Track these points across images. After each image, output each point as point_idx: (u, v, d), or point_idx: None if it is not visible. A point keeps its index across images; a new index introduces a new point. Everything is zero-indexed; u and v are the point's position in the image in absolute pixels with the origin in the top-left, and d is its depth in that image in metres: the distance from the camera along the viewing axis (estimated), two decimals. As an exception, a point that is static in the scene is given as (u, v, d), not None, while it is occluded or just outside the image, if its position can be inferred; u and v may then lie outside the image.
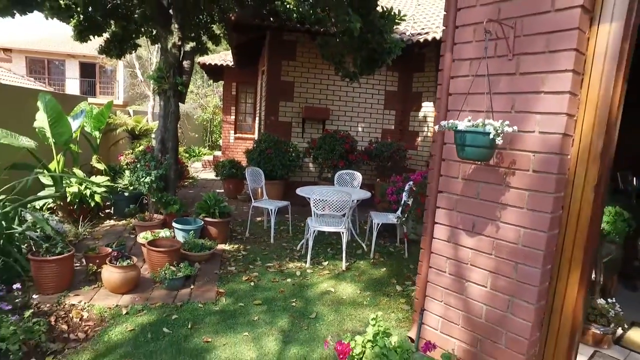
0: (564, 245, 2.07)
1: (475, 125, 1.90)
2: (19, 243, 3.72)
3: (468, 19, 2.26)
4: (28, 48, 25.28)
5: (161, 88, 5.20)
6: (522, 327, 2.10)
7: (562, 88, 1.90)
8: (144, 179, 4.73)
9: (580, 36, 1.87)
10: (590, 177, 1.97)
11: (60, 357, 2.66)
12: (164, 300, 3.54)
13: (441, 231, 2.47)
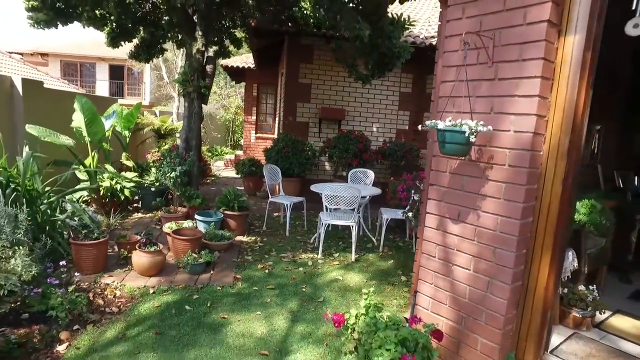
0: (537, 233, 2.32)
1: (454, 124, 2.18)
2: (60, 230, 4.18)
3: (455, 30, 2.53)
4: (62, 52, 26.52)
5: (186, 91, 5.62)
6: (499, 305, 2.36)
7: (532, 92, 2.15)
8: (170, 174, 5.16)
9: (547, 46, 2.12)
10: (559, 172, 2.22)
11: (98, 326, 3.07)
12: (187, 283, 3.92)
13: (431, 220, 2.74)
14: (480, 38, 2.31)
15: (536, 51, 2.13)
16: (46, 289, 3.12)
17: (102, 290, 3.63)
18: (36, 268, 3.07)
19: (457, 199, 2.56)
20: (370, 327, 2.21)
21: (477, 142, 2.39)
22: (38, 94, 6.09)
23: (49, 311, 2.99)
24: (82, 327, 3.04)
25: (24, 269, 2.94)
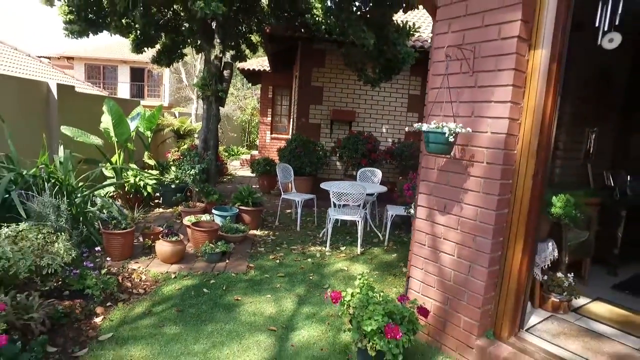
0: (512, 222, 2.63)
1: (437, 127, 2.50)
2: (91, 221, 4.63)
3: (442, 43, 2.85)
4: (87, 56, 27.51)
5: (204, 94, 6.05)
6: (478, 287, 2.66)
7: (505, 98, 2.46)
8: (189, 171, 5.58)
9: (518, 58, 2.42)
10: (530, 168, 2.52)
11: (127, 304, 3.48)
12: (204, 270, 4.32)
13: (422, 212, 3.06)
14: (462, 51, 2.62)
15: (508, 62, 2.44)
16: (83, 271, 3.55)
17: (129, 275, 4.05)
18: (74, 252, 3.51)
19: (443, 193, 2.88)
20: (363, 303, 2.55)
21: (460, 142, 2.71)
22: (70, 97, 6.62)
23: (86, 290, 3.41)
24: (113, 304, 3.46)
25: (65, 252, 3.37)
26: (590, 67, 4.45)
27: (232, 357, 2.77)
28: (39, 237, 3.32)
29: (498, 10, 2.48)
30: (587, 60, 4.37)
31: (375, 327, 2.35)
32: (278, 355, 2.82)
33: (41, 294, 3.06)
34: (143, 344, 2.88)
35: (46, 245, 3.32)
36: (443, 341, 2.93)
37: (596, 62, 4.45)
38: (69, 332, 2.92)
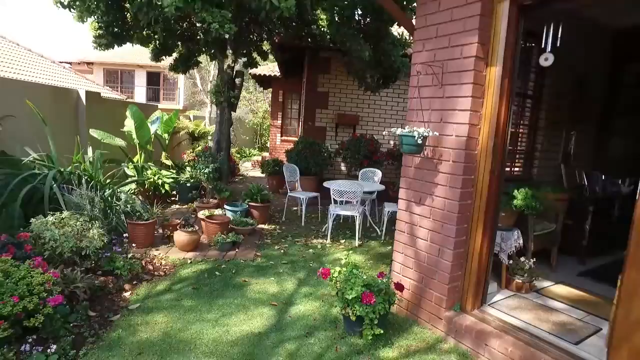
0: (474, 211, 3.11)
1: (409, 131, 3.01)
2: (117, 213, 5.23)
3: (418, 59, 3.35)
4: (105, 61, 28.50)
5: (218, 100, 6.63)
6: (446, 266, 3.15)
7: (466, 107, 2.95)
8: (204, 170, 6.16)
9: (476, 74, 2.92)
10: (487, 166, 3.01)
11: (150, 283, 4.05)
12: (216, 257, 4.87)
13: (402, 204, 3.56)
14: (432, 67, 3.13)
15: (469, 77, 2.93)
16: (112, 254, 4.13)
17: (151, 259, 4.62)
18: (106, 238, 4.09)
19: (419, 187, 3.38)
20: (347, 277, 3.06)
21: (431, 144, 3.21)
22: (96, 102, 7.28)
23: (115, 270, 3.98)
24: (139, 283, 4.03)
25: (98, 237, 3.95)
26: (567, 78, 4.91)
27: (239, 324, 3.31)
28: (78, 224, 3.91)
29: (460, 34, 2.98)
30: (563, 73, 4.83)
31: (355, 295, 2.86)
32: (277, 323, 3.35)
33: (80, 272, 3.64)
34: (164, 313, 3.43)
35: (83, 231, 3.90)
36: (418, 314, 3.42)
37: (573, 74, 4.91)
38: (104, 302, 3.50)
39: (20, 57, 15.16)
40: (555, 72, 4.73)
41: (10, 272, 2.75)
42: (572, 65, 4.78)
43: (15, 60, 14.51)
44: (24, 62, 14.98)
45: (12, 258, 3.04)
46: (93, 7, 5.65)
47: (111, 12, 6.18)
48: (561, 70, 4.74)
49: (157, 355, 2.81)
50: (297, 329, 3.26)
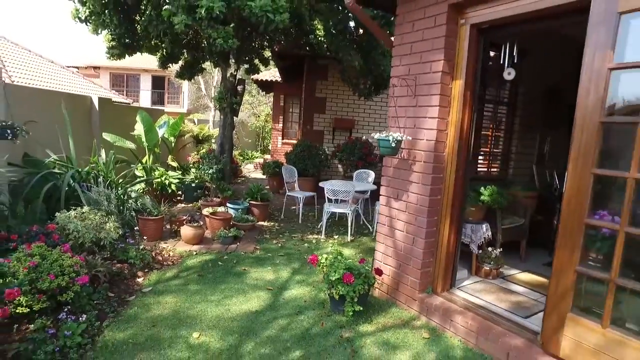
0: (443, 206, 3.58)
1: (386, 136, 3.48)
2: (129, 209, 5.72)
3: (395, 73, 3.82)
4: (111, 65, 29.11)
5: (221, 106, 7.13)
6: (419, 253, 3.62)
7: (435, 115, 3.43)
8: (208, 170, 6.65)
9: (443, 86, 3.39)
10: (453, 166, 3.47)
11: (160, 270, 4.53)
12: (219, 249, 5.35)
13: (383, 199, 4.03)
14: (406, 80, 3.61)
15: (437, 89, 3.41)
16: (126, 246, 4.62)
17: (160, 251, 5.11)
18: (120, 231, 4.58)
19: (397, 185, 3.85)
20: (332, 262, 3.53)
21: (406, 147, 3.68)
22: (108, 108, 7.79)
23: (129, 259, 4.46)
24: (150, 270, 4.51)
25: (114, 230, 4.44)
26: (540, 86, 5.37)
27: (238, 304, 3.78)
28: (96, 218, 4.40)
29: (430, 52, 3.45)
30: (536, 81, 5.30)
31: (338, 277, 3.34)
32: (272, 304, 3.82)
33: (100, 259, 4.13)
34: (173, 295, 3.91)
35: (101, 224, 4.39)
36: (397, 297, 3.88)
37: (545, 82, 5.37)
38: (121, 285, 3.99)
39: (33, 64, 15.77)
40: (529, 80, 5.20)
41: (46, 256, 3.24)
42: (544, 74, 5.24)
43: (29, 67, 15.11)
44: (37, 69, 15.58)
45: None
46: (107, 21, 6.17)
47: (123, 25, 6.70)
48: (534, 79, 5.22)
49: (168, 327, 3.29)
50: (289, 309, 3.73)
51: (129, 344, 3.01)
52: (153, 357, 2.86)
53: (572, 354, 2.57)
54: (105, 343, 3.00)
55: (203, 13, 4.60)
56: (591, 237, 2.54)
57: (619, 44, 2.34)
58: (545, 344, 2.74)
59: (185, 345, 3.05)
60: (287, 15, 4.73)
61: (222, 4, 4.65)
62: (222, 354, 2.94)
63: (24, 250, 3.25)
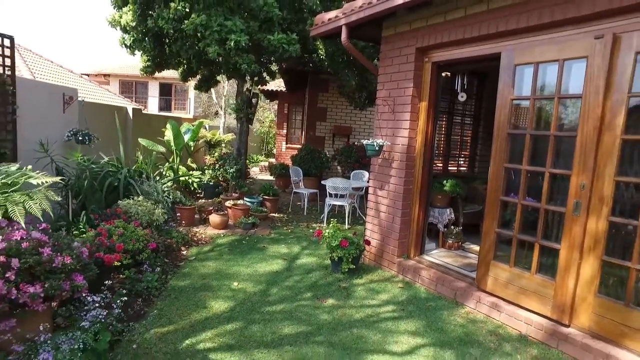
0: (414, 192, 4.86)
1: (371, 142, 4.76)
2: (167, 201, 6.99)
3: (380, 95, 5.12)
4: (121, 73, 30.49)
5: (238, 116, 8.42)
6: (397, 228, 4.89)
7: (406, 127, 4.71)
8: (230, 169, 7.93)
9: (413, 106, 4.68)
10: (420, 163, 4.76)
11: (197, 246, 5.81)
12: (241, 233, 6.62)
13: (371, 189, 5.31)
14: (387, 101, 4.90)
15: (408, 108, 4.70)
16: (169, 228, 5.89)
17: (194, 234, 6.38)
18: (165, 216, 5.85)
19: (381, 178, 5.13)
20: (333, 234, 4.81)
21: (387, 150, 4.97)
22: (139, 116, 9.10)
23: (172, 237, 5.73)
24: (189, 247, 5.78)
25: (161, 215, 5.71)
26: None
27: (263, 267, 5.05)
28: (148, 205, 5.67)
29: (404, 80, 4.75)
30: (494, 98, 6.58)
31: (337, 243, 4.61)
32: (288, 267, 5.09)
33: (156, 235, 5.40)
34: (213, 261, 5.18)
35: (152, 210, 5.67)
36: (381, 262, 5.16)
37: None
38: (172, 255, 5.26)
39: (55, 74, 17.09)
40: (489, 97, 6.49)
41: (126, 227, 4.51)
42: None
43: (52, 77, 16.43)
44: (59, 78, 16.89)
45: (120, 221, 4.80)
46: (146, 47, 7.48)
47: (156, 48, 8.00)
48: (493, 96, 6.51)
49: (214, 279, 4.56)
50: (301, 270, 5.01)
51: (189, 288, 4.28)
52: (208, 295, 4.13)
53: (493, 287, 3.85)
54: (173, 287, 4.28)
55: (232, 45, 5.91)
56: (503, 209, 3.82)
57: (516, 83, 3.64)
58: (478, 283, 4.02)
59: (229, 289, 4.32)
60: (299, 46, 6.04)
61: (246, 38, 5.96)
62: (255, 294, 4.22)
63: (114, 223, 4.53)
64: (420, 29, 4.53)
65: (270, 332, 3.42)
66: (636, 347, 2.90)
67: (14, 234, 2.76)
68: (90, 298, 3.05)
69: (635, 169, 2.97)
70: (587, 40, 3.09)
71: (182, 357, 2.98)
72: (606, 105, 3.02)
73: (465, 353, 3.19)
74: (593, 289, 3.15)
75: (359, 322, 3.68)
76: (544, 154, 3.46)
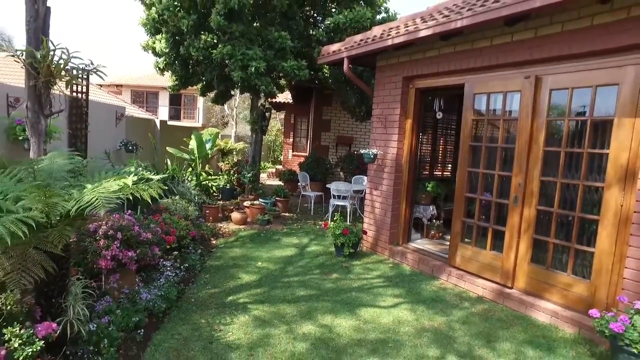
0: (402, 193, 6.03)
1: (367, 151, 5.95)
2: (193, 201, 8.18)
3: (375, 113, 6.31)
4: (133, 84, 31.92)
5: (253, 128, 9.64)
6: (388, 221, 6.06)
7: (395, 139, 5.90)
8: (248, 175, 9.13)
9: (400, 123, 5.87)
10: (407, 169, 5.94)
11: (224, 237, 6.99)
12: (259, 228, 7.80)
13: (368, 190, 6.49)
14: (380, 118, 6.10)
15: (396, 125, 5.89)
16: (200, 223, 7.08)
17: (219, 228, 7.56)
18: (196, 213, 7.03)
19: (376, 180, 6.31)
20: (337, 225, 5.98)
21: (380, 158, 6.15)
22: (164, 127, 10.34)
23: (203, 230, 6.91)
24: (217, 238, 6.96)
25: (193, 212, 6.90)
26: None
27: (279, 253, 6.21)
28: (183, 203, 6.87)
29: (393, 102, 5.94)
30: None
31: (340, 231, 5.79)
32: (299, 253, 6.26)
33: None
34: (238, 248, 6.36)
35: (186, 207, 6.86)
36: (375, 249, 6.32)
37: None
38: (204, 243, 6.44)
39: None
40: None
41: (172, 219, 5.70)
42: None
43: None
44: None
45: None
46: (176, 69, 8.74)
47: (183, 70, 9.26)
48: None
49: (242, 260, 5.73)
50: (310, 255, 6.18)
51: (223, 266, 5.46)
52: (239, 270, 5.31)
53: (460, 263, 5.01)
54: (210, 266, 5.46)
55: (253, 70, 7.15)
56: (467, 203, 4.99)
57: (475, 107, 4.83)
58: (449, 261, 5.18)
59: (254, 267, 5.49)
60: (307, 71, 7.27)
61: (264, 64, 7.20)
62: (275, 270, 5.39)
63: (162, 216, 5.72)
64: (406, 62, 5.74)
65: (289, 294, 4.58)
66: (551, 297, 4.05)
67: (115, 216, 3.96)
68: (164, 262, 4.24)
69: (552, 172, 4.14)
70: (520, 79, 4.29)
71: (229, 306, 4.15)
72: (533, 126, 4.21)
73: (433, 307, 4.35)
74: (527, 259, 4.30)
75: (356, 288, 4.84)
76: (494, 160, 4.64)
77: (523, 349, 3.50)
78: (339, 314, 4.10)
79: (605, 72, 3.67)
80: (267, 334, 3.62)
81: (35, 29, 3.05)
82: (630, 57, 3.50)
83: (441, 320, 4.02)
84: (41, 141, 3.25)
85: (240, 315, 3.97)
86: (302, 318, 3.96)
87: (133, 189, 2.87)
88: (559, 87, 4.01)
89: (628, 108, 3.52)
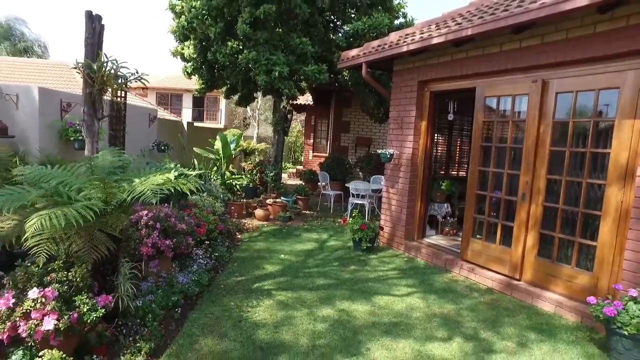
0: (417, 191, 6.33)
1: (384, 151, 6.27)
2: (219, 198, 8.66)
3: (392, 115, 6.63)
4: (158, 86, 32.94)
5: (276, 129, 10.08)
6: (404, 218, 6.37)
7: (411, 140, 6.20)
8: (270, 174, 9.58)
9: (416, 124, 6.17)
10: (422, 168, 6.23)
11: (248, 232, 7.43)
12: (280, 224, 8.21)
13: (385, 188, 6.81)
14: (396, 120, 6.42)
15: (412, 126, 6.20)
16: (226, 218, 7.53)
17: (244, 224, 8.00)
18: (223, 209, 7.49)
19: (392, 179, 6.63)
20: (354, 221, 6.32)
21: (396, 157, 6.47)
22: (191, 128, 10.89)
23: (229, 225, 7.36)
24: (242, 232, 7.41)
25: (219, 208, 7.36)
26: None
27: (300, 246, 6.60)
28: (210, 199, 7.34)
29: (408, 105, 6.25)
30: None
31: (358, 226, 6.13)
32: (319, 247, 6.63)
33: (217, 222, 7.04)
34: (262, 242, 6.78)
35: (213, 203, 7.33)
36: (391, 244, 6.63)
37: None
38: (230, 237, 6.88)
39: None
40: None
41: (201, 214, 6.16)
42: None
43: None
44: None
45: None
46: (203, 74, 9.26)
47: (210, 74, 9.78)
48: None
49: (266, 252, 6.14)
50: (329, 249, 6.54)
51: (248, 257, 5.88)
52: (263, 261, 5.72)
53: (471, 256, 5.28)
54: (236, 257, 5.89)
55: (276, 74, 7.57)
56: (478, 200, 5.26)
57: (484, 109, 5.10)
58: (461, 255, 5.45)
59: (278, 258, 5.90)
60: (327, 75, 7.65)
61: (287, 69, 7.62)
62: (297, 262, 5.77)
63: (192, 211, 6.20)
64: (421, 67, 6.04)
65: (309, 283, 4.96)
66: (556, 288, 4.30)
67: (153, 209, 4.42)
68: (196, 251, 4.68)
69: (558, 170, 4.38)
70: (527, 82, 4.55)
71: (255, 292, 4.56)
72: (540, 127, 4.46)
73: (444, 296, 4.65)
74: (534, 253, 4.56)
75: (372, 279, 5.17)
76: (503, 160, 4.90)
77: (526, 333, 3.77)
78: (356, 300, 4.45)
79: (607, 76, 3.91)
80: (290, 315, 4.00)
81: (92, 44, 3.52)
82: (630, 62, 3.74)
83: (450, 308, 4.32)
84: (94, 141, 3.72)
85: (265, 299, 4.37)
86: (321, 303, 4.33)
87: (175, 182, 3.31)
88: (565, 90, 4.26)
89: (628, 110, 3.75)
